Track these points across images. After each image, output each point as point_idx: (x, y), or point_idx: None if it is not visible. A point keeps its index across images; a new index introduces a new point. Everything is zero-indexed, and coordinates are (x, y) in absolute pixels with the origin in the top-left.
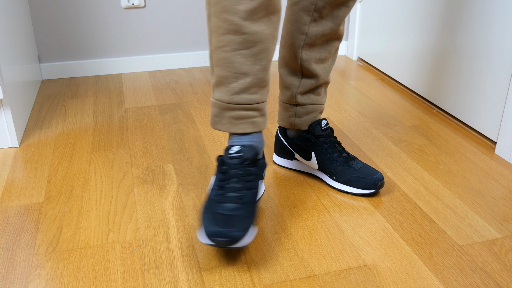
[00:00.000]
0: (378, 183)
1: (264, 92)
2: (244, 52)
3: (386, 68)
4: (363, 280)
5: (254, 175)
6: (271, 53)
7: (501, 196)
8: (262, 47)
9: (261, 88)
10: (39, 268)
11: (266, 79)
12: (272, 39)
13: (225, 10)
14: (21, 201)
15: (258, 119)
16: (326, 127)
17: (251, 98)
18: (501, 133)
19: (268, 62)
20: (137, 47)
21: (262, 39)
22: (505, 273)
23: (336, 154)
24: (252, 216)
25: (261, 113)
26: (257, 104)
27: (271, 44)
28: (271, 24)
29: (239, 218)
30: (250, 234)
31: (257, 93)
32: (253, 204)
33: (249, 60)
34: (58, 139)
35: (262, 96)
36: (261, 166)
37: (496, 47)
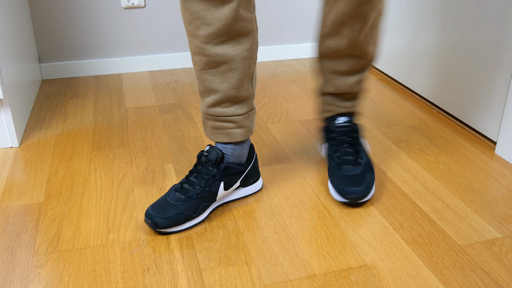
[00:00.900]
0: (350, 196)
1: (240, 107)
2: (211, 71)
3: (386, 68)
4: (363, 280)
5: (210, 175)
6: (245, 71)
7: (501, 196)
8: (228, 67)
9: (235, 103)
10: (39, 268)
11: (239, 95)
12: (243, 59)
13: (190, 34)
14: (21, 201)
15: (234, 131)
16: (342, 124)
17: (224, 111)
18: (501, 133)
19: (238, 81)
20: (137, 47)
21: (227, 60)
22: (505, 273)
23: (337, 154)
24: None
25: (237, 125)
26: (231, 117)
27: (241, 64)
28: (239, 45)
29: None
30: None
31: (230, 107)
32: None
33: (217, 78)
34: (58, 139)
35: (236, 110)
36: (224, 170)
37: (496, 47)
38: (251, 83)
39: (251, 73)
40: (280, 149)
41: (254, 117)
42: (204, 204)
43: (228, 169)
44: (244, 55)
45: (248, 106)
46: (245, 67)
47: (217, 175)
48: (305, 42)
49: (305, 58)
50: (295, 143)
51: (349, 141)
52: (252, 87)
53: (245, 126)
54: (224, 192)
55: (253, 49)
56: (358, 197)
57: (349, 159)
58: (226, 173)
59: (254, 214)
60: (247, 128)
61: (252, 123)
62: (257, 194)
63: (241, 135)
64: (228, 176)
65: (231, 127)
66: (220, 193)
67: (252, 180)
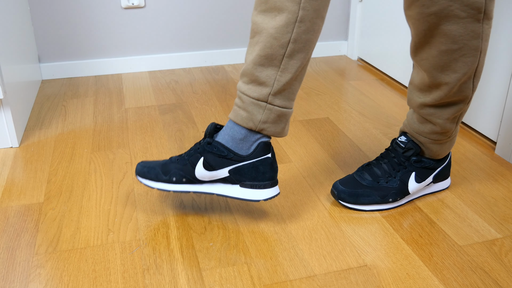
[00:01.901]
0: (332, 188)
1: (253, 89)
2: (250, 40)
3: (386, 68)
4: (363, 280)
5: (194, 150)
6: (266, 49)
7: (501, 196)
8: (257, 40)
9: (251, 81)
10: (39, 268)
11: (255, 74)
12: (268, 36)
13: None
14: (21, 201)
15: (239, 111)
16: (397, 142)
17: (240, 85)
18: (501, 133)
19: (258, 56)
20: (137, 47)
21: (258, 31)
22: (505, 273)
23: (373, 161)
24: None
25: (243, 106)
26: (241, 94)
27: (265, 39)
28: (272, 20)
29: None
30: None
31: (247, 83)
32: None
33: (249, 48)
34: (58, 139)
35: (249, 90)
36: (207, 145)
37: (495, 47)
38: (277, 72)
39: (274, 56)
40: (280, 149)
41: (269, 116)
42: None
43: (211, 147)
44: (271, 32)
45: (262, 94)
46: (268, 45)
47: (200, 149)
48: None
49: None
50: (295, 143)
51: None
52: (278, 78)
53: (249, 112)
54: (205, 172)
55: (283, 31)
56: (335, 194)
57: (374, 170)
58: (208, 149)
59: (254, 214)
60: (253, 117)
61: (261, 118)
62: None
63: (241, 119)
64: (210, 154)
65: (238, 104)
66: (200, 173)
67: (253, 180)
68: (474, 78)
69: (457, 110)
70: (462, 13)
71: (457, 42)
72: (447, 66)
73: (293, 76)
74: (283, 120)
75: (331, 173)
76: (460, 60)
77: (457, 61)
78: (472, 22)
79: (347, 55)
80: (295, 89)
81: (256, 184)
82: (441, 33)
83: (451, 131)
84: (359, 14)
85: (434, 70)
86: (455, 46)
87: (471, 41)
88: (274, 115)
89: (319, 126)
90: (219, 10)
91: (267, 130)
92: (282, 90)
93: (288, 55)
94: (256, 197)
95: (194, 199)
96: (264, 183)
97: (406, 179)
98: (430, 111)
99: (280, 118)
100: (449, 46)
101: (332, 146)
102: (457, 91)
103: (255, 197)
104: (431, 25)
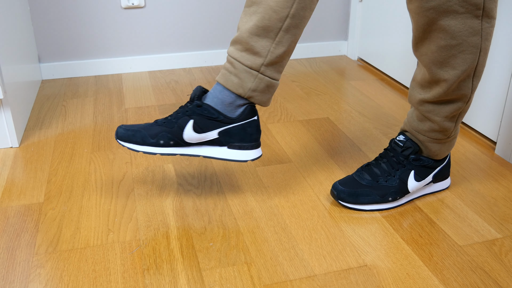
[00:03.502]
0: (332, 189)
1: (248, 57)
2: (245, 9)
3: (386, 68)
4: (363, 280)
5: (182, 113)
6: (264, 21)
7: (501, 196)
8: (255, 9)
9: (245, 50)
10: (39, 268)
11: (251, 43)
12: (268, 8)
13: None
14: (21, 201)
15: (230, 76)
16: (396, 141)
17: (232, 52)
18: (501, 133)
19: (254, 26)
20: (137, 47)
21: (258, 1)
22: (505, 273)
23: (372, 162)
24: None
25: (235, 72)
26: (234, 60)
27: (264, 10)
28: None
29: None
30: None
31: (240, 51)
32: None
33: (245, 17)
34: (58, 139)
35: (242, 57)
36: (196, 107)
37: (495, 47)
38: (272, 44)
39: (270, 28)
40: (280, 149)
41: (259, 85)
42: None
43: (201, 109)
44: (271, 5)
45: (255, 63)
46: (266, 16)
47: (189, 111)
48: (305, 43)
49: (305, 58)
50: (295, 143)
51: (391, 158)
52: (272, 50)
53: (241, 79)
54: (194, 135)
55: (283, 5)
56: (334, 194)
57: (373, 170)
58: (198, 111)
59: (254, 214)
60: (243, 84)
61: (251, 86)
62: (257, 194)
63: (232, 84)
64: (200, 116)
65: (230, 70)
66: (188, 135)
67: (237, 143)
68: (473, 77)
69: (455, 109)
70: (461, 8)
71: (455, 38)
72: (446, 62)
73: (286, 50)
74: (271, 91)
75: (331, 173)
76: (459, 57)
77: (456, 57)
78: (470, 18)
79: (347, 55)
80: (285, 63)
81: (243, 145)
82: (440, 28)
83: (450, 130)
84: (359, 14)
85: (433, 66)
86: (453, 42)
87: (470, 38)
88: (263, 85)
89: (319, 126)
90: (219, 10)
91: (255, 98)
92: (274, 62)
93: (285, 29)
94: (243, 157)
95: (194, 199)
96: (251, 144)
97: (406, 177)
98: (429, 107)
99: (268, 89)
100: (448, 42)
101: (332, 146)
102: (456, 89)
103: (243, 157)
104: (430, 20)
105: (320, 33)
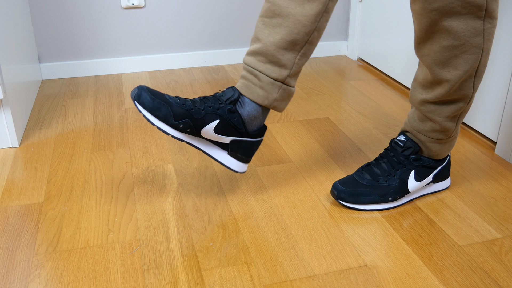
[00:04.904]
0: (332, 188)
1: (273, 69)
2: (265, 20)
3: (386, 68)
4: (363, 280)
5: (213, 109)
6: (293, 35)
7: (501, 196)
8: (280, 22)
9: (270, 62)
10: (39, 268)
11: (277, 57)
12: (296, 22)
13: None
14: (21, 201)
15: (255, 88)
16: (396, 141)
17: (255, 64)
18: (501, 133)
19: (282, 40)
20: (137, 47)
21: (283, 14)
22: (505, 273)
23: (372, 162)
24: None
25: (261, 84)
26: (259, 73)
27: (292, 25)
28: (300, 7)
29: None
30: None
31: (264, 63)
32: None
33: (266, 29)
34: (58, 139)
35: (268, 69)
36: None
37: (496, 47)
38: (297, 56)
39: (298, 42)
40: (280, 149)
41: (282, 95)
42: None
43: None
44: (299, 19)
45: (281, 75)
46: (295, 31)
47: (220, 111)
48: None
49: None
50: (295, 143)
51: (391, 159)
52: (297, 62)
53: (267, 91)
54: (212, 133)
55: (312, 20)
56: (334, 194)
57: (373, 170)
58: (228, 116)
59: (254, 214)
60: (269, 96)
61: (276, 97)
62: (257, 194)
63: (258, 97)
64: (227, 121)
65: (254, 82)
66: (207, 131)
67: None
68: (475, 77)
69: (457, 109)
70: (463, 9)
71: (458, 38)
72: (448, 62)
73: (307, 59)
74: (290, 98)
75: (331, 173)
76: (461, 57)
77: (458, 57)
78: (473, 18)
79: (347, 55)
80: (301, 70)
81: (242, 158)
82: (443, 29)
83: (451, 130)
84: (359, 14)
85: (435, 66)
86: (456, 42)
87: (473, 38)
88: (285, 94)
89: (319, 126)
90: (219, 10)
91: (277, 107)
92: (297, 72)
93: (310, 41)
94: (237, 168)
95: (194, 199)
96: (247, 159)
97: (406, 177)
98: (431, 108)
99: (288, 97)
100: (450, 42)
101: (332, 146)
102: (458, 89)
103: (236, 168)
104: (433, 21)
105: None
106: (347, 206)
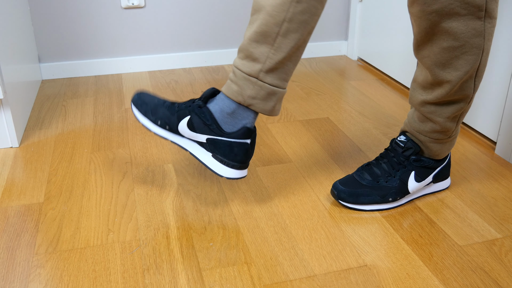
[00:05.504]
0: (332, 188)
1: (247, 64)
2: (250, 18)
3: (386, 68)
4: (363, 280)
5: (185, 106)
6: (262, 27)
7: (501, 196)
8: (256, 17)
9: (246, 57)
10: (39, 268)
11: (250, 50)
12: (266, 14)
13: None
14: (21, 201)
15: (231, 84)
16: (397, 141)
17: (235, 60)
18: (501, 133)
19: (254, 33)
20: (137, 47)
21: (258, 8)
22: (505, 273)
23: (372, 161)
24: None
25: (235, 79)
26: (234, 68)
27: (262, 16)
28: (277, 4)
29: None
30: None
31: (241, 58)
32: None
33: (248, 26)
34: (58, 139)
35: (242, 64)
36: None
37: (496, 47)
38: (271, 49)
39: (267, 33)
40: (280, 149)
41: (258, 92)
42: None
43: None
44: (268, 10)
45: (253, 70)
46: (264, 22)
47: (190, 108)
48: None
49: (305, 58)
50: (295, 143)
51: (392, 159)
52: (271, 56)
53: (240, 86)
54: (187, 130)
55: (279, 9)
56: (334, 194)
57: (374, 170)
58: (197, 111)
59: (254, 214)
60: (242, 92)
61: (250, 93)
62: (257, 194)
63: (232, 92)
64: (197, 116)
65: (231, 78)
66: (182, 128)
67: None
68: (475, 77)
69: (458, 109)
70: (463, 10)
71: (458, 39)
72: (449, 63)
73: (286, 56)
74: (273, 99)
75: (331, 173)
76: (462, 58)
77: (459, 58)
78: (473, 19)
79: (347, 55)
80: (288, 70)
81: (225, 161)
82: (443, 31)
83: (451, 130)
84: (359, 14)
85: (436, 68)
86: (456, 43)
87: (473, 39)
88: (264, 92)
89: (319, 126)
90: (219, 10)
91: (256, 106)
92: (274, 68)
93: (283, 34)
94: (221, 172)
95: (194, 199)
96: (233, 164)
97: (406, 178)
98: (431, 108)
99: (269, 96)
100: (450, 43)
101: (332, 146)
102: (459, 90)
103: (221, 172)
104: (432, 23)
105: (320, 33)
106: (347, 206)
